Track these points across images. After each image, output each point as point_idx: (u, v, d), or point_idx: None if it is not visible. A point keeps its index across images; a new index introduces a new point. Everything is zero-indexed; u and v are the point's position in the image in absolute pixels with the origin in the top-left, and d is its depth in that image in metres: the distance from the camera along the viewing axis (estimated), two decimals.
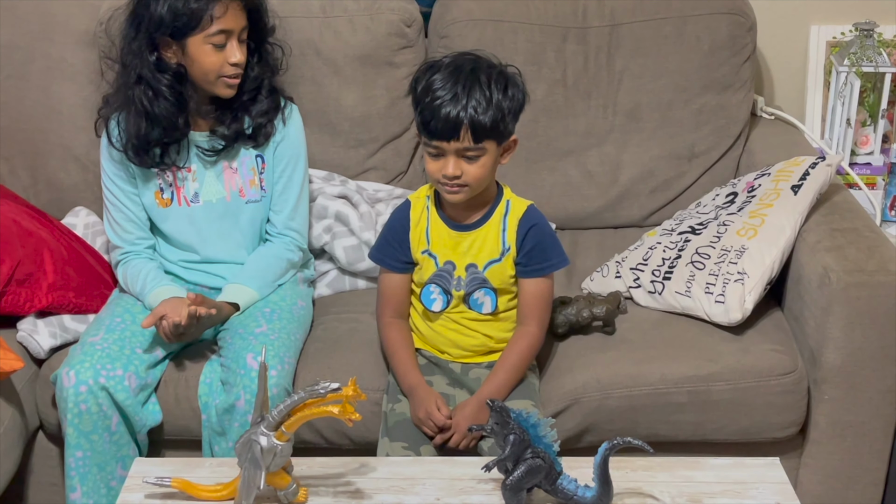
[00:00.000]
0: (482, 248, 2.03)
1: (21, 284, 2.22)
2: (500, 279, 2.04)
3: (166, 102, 2.16)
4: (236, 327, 2.17)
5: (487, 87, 1.90)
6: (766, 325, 2.22)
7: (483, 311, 2.05)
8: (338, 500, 1.70)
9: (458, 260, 2.04)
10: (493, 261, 2.03)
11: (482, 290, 2.04)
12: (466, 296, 2.05)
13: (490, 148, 1.93)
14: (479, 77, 1.91)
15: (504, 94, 1.91)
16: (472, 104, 1.88)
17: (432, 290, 2.06)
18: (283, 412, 1.61)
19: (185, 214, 2.29)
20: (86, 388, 2.03)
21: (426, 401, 1.97)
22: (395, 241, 2.08)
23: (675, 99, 2.59)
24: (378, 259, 2.12)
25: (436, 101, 1.89)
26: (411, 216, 2.07)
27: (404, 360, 2.06)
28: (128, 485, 1.75)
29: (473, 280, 2.04)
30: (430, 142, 1.92)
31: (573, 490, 1.66)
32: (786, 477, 1.75)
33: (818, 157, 2.34)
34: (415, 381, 2.02)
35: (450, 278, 2.05)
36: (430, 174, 1.96)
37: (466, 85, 1.89)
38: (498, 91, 1.90)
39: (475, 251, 2.03)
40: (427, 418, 1.96)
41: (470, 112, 1.88)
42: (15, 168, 2.57)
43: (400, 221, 2.09)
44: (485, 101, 1.89)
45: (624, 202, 2.64)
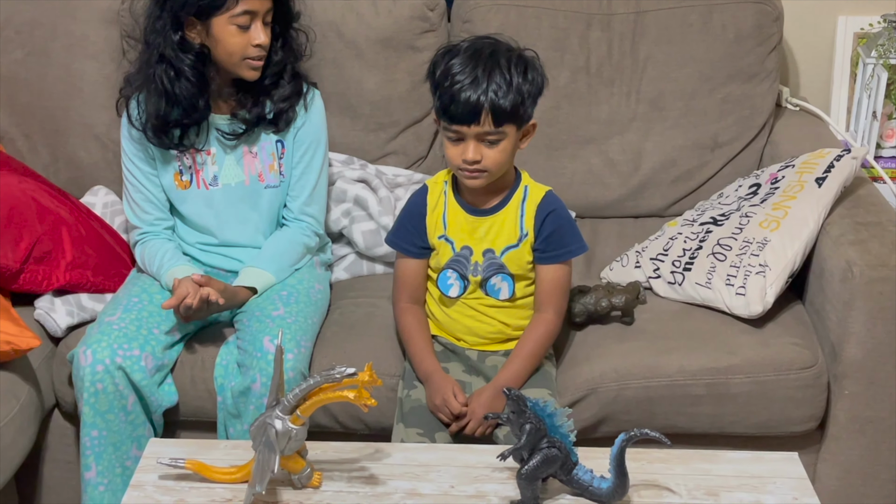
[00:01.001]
0: (499, 234, 2.02)
1: (39, 262, 2.22)
2: (518, 265, 2.03)
3: (188, 83, 2.15)
4: (253, 310, 2.16)
5: (507, 71, 1.88)
6: (786, 318, 2.20)
7: (500, 298, 2.04)
8: (352, 486, 1.69)
9: (476, 245, 2.03)
10: (511, 246, 2.02)
11: (499, 276, 2.03)
12: (483, 281, 2.03)
13: (510, 132, 1.91)
14: (498, 60, 1.89)
15: (524, 78, 1.90)
16: (492, 88, 1.86)
17: (449, 275, 2.05)
18: (299, 396, 1.60)
19: (204, 197, 2.28)
20: (102, 368, 2.03)
21: (443, 388, 1.97)
22: (411, 225, 2.07)
23: (700, 88, 2.57)
24: (394, 244, 2.11)
25: (455, 84, 1.87)
26: (428, 201, 2.06)
27: (420, 347, 2.05)
28: (142, 465, 1.75)
29: (490, 265, 2.02)
30: (449, 126, 1.91)
31: (588, 481, 1.65)
32: (804, 472, 1.73)
33: (843, 150, 2.31)
34: (431, 367, 2.01)
35: (467, 264, 2.03)
36: (450, 159, 1.95)
37: (486, 68, 1.88)
38: (518, 74, 1.89)
39: (492, 237, 2.02)
40: (443, 405, 1.95)
41: (490, 96, 1.86)
42: (35, 145, 2.57)
43: (417, 206, 2.07)
44: (505, 85, 1.87)
45: (645, 191, 2.62)
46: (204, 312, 2.12)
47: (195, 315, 2.11)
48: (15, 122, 2.56)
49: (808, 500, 1.66)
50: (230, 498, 1.66)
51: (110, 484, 2.08)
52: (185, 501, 1.66)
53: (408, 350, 2.08)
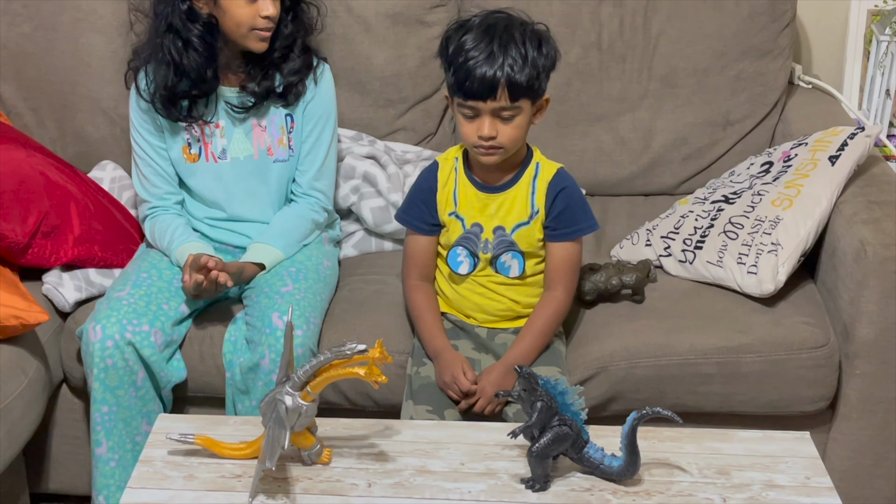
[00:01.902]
0: (510, 211, 2.01)
1: (47, 237, 2.22)
2: (528, 242, 2.02)
3: (195, 53, 2.14)
4: (262, 286, 2.15)
5: (522, 45, 1.86)
6: (798, 297, 2.19)
7: (510, 275, 2.03)
8: (361, 462, 1.69)
9: (486, 222, 2.01)
10: (522, 224, 2.00)
11: (509, 254, 2.02)
12: (493, 259, 2.02)
13: (525, 107, 1.90)
14: (513, 34, 1.87)
15: (539, 52, 1.88)
16: (508, 62, 1.85)
17: (459, 252, 2.04)
18: (309, 372, 1.59)
19: (213, 171, 2.27)
20: (112, 343, 2.03)
21: (452, 365, 1.96)
22: (421, 202, 2.06)
23: (712, 65, 2.55)
24: (404, 221, 2.10)
25: (470, 60, 1.85)
26: (439, 177, 2.05)
27: (430, 324, 2.04)
28: (151, 440, 1.75)
29: (501, 243, 2.01)
30: (465, 102, 1.89)
31: (599, 459, 1.64)
32: (816, 451, 1.73)
33: (857, 128, 2.29)
34: (440, 345, 2.01)
35: (477, 241, 2.02)
36: (465, 137, 1.93)
37: (501, 42, 1.86)
38: (533, 48, 1.87)
39: (503, 214, 2.01)
40: (452, 382, 1.95)
41: (507, 70, 1.85)
42: (42, 119, 2.56)
43: (427, 182, 2.06)
44: (521, 59, 1.85)
45: (656, 169, 2.61)
46: (212, 291, 2.11)
47: (204, 293, 2.10)
48: (22, 96, 2.55)
49: (819, 480, 1.66)
50: (240, 474, 1.66)
51: (121, 459, 2.08)
52: (194, 477, 1.66)
53: (417, 327, 2.08)
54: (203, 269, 2.05)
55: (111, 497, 2.09)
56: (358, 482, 1.65)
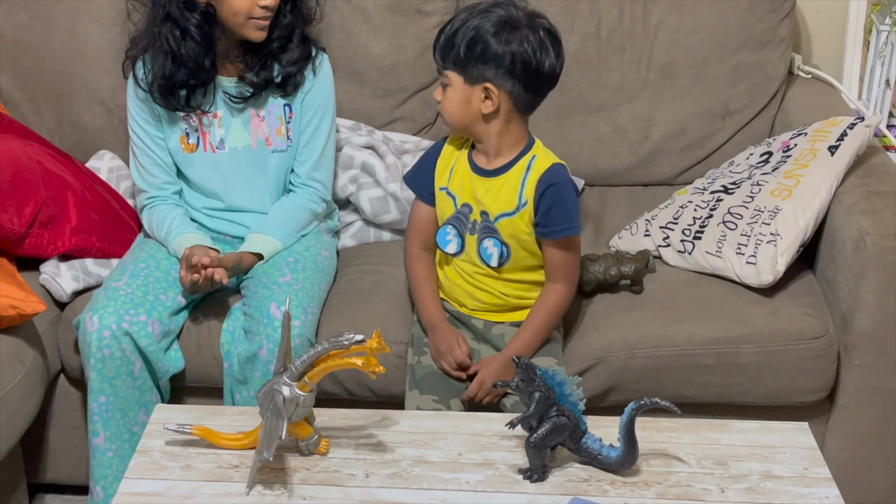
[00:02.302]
0: (496, 199, 1.98)
1: (44, 227, 2.21)
2: (511, 233, 1.98)
3: (193, 43, 2.13)
4: (260, 276, 2.15)
5: (483, 20, 1.87)
6: (797, 287, 2.19)
7: (490, 263, 2.01)
8: (359, 452, 1.69)
9: (474, 204, 2.01)
10: (506, 214, 1.97)
11: (492, 241, 2.00)
12: (478, 242, 2.01)
13: (454, 81, 1.91)
14: (489, 12, 1.88)
15: (493, 36, 1.86)
16: (456, 26, 1.88)
17: (448, 231, 2.03)
18: (307, 363, 1.59)
19: (211, 161, 2.26)
20: (109, 334, 2.03)
21: (448, 336, 1.97)
22: (424, 168, 2.07)
23: (711, 55, 2.54)
24: (411, 184, 2.11)
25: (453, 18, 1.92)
26: (444, 148, 2.06)
27: (428, 296, 2.05)
28: (149, 431, 1.75)
29: (485, 228, 2.00)
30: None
31: (598, 449, 1.64)
32: (814, 442, 1.72)
33: (857, 118, 2.28)
34: (437, 317, 2.02)
35: (466, 221, 2.01)
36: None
37: (473, 14, 1.88)
38: (490, 31, 1.86)
39: (489, 200, 1.98)
40: (448, 352, 1.95)
41: (443, 36, 1.90)
42: (40, 109, 2.55)
43: (432, 151, 2.08)
44: (467, 31, 1.87)
45: (655, 160, 2.60)
46: (208, 288, 2.11)
47: (200, 290, 2.10)
48: (19, 85, 2.54)
49: (817, 470, 1.66)
50: (237, 464, 1.66)
51: (118, 450, 2.08)
52: (192, 467, 1.66)
53: (415, 298, 2.09)
54: (198, 266, 2.04)
55: (109, 487, 2.09)
56: (356, 472, 1.64)
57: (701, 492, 1.61)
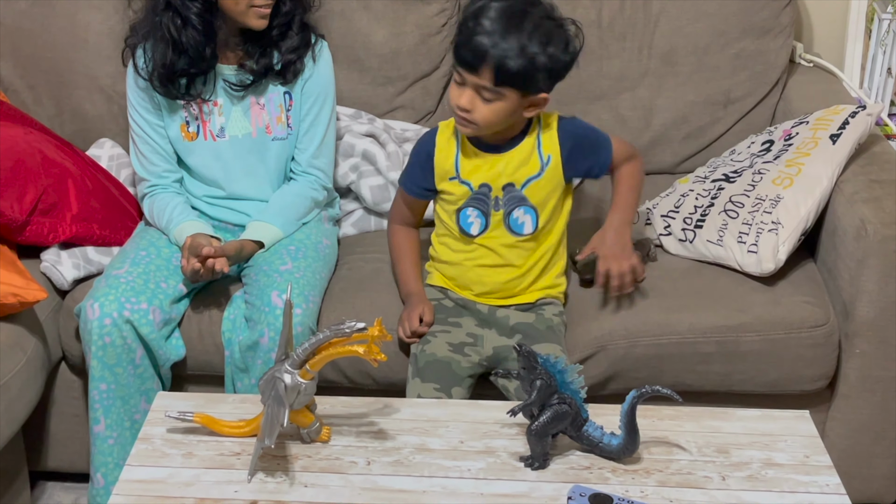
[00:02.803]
0: (519, 167, 2.00)
1: (45, 215, 2.21)
2: (541, 195, 2.01)
3: (194, 31, 2.12)
4: (261, 264, 2.15)
5: (527, 37, 1.84)
6: (798, 276, 2.19)
7: (524, 232, 2.02)
8: (361, 440, 1.69)
9: (494, 181, 2.01)
10: (533, 177, 2.00)
11: (522, 209, 2.01)
12: (506, 216, 2.01)
13: (510, 96, 1.89)
14: (523, 23, 1.85)
15: (542, 50, 1.86)
16: (504, 46, 1.83)
17: (469, 213, 2.03)
18: (309, 350, 1.59)
19: (211, 149, 2.26)
20: (110, 321, 2.03)
21: (415, 307, 2.03)
22: (418, 166, 2.07)
23: (713, 43, 2.54)
24: (402, 182, 2.13)
25: (475, 28, 1.85)
26: (438, 141, 2.05)
27: (407, 267, 2.12)
28: (150, 418, 1.75)
29: (512, 199, 2.01)
30: (456, 66, 1.90)
31: (599, 437, 1.64)
32: (815, 430, 1.72)
33: (858, 106, 2.28)
34: (413, 289, 2.09)
35: (487, 200, 2.02)
36: (450, 98, 1.95)
37: (508, 26, 1.84)
38: (536, 45, 1.85)
39: (511, 170, 2.00)
40: (405, 320, 2.02)
41: (498, 53, 1.84)
42: (40, 97, 2.55)
43: (425, 147, 2.07)
44: (518, 49, 1.84)
45: (656, 148, 2.60)
46: (209, 277, 2.10)
47: (201, 278, 2.10)
48: (19, 73, 2.53)
49: (818, 458, 1.66)
50: (239, 451, 1.66)
51: (119, 437, 2.08)
52: (193, 454, 1.66)
53: (395, 269, 2.15)
54: (200, 256, 2.04)
55: (109, 475, 2.09)
56: (357, 460, 1.65)
57: (702, 479, 1.61)
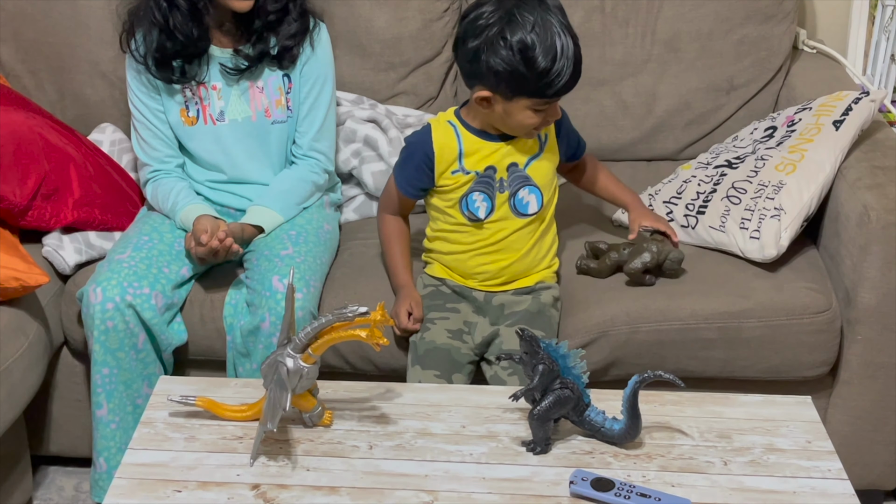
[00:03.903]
0: (520, 148, 2.03)
1: (47, 199, 2.21)
2: (543, 175, 2.05)
3: (179, 13, 2.13)
4: (262, 249, 2.15)
5: (561, 17, 1.92)
6: (800, 262, 2.18)
7: (529, 212, 2.05)
8: (363, 424, 1.69)
9: (498, 163, 2.03)
10: (534, 156, 2.04)
11: (526, 189, 2.03)
12: (511, 197, 2.03)
13: None
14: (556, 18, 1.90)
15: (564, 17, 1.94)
16: (574, 51, 1.91)
17: (475, 197, 2.03)
18: (311, 335, 1.59)
19: (211, 133, 2.26)
20: (112, 306, 2.03)
21: (403, 303, 2.05)
22: (414, 167, 2.06)
23: (716, 29, 2.53)
24: (399, 184, 2.10)
25: (553, 67, 1.88)
26: (435, 139, 2.04)
27: (396, 259, 2.13)
28: (152, 402, 1.75)
29: (516, 178, 2.03)
30: (544, 102, 1.93)
31: (601, 422, 1.64)
32: (817, 415, 1.72)
33: (862, 93, 2.27)
34: (403, 281, 2.10)
35: (492, 182, 2.03)
36: (525, 125, 1.97)
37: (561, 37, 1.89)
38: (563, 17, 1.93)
39: (514, 151, 2.03)
40: (395, 316, 2.05)
41: (574, 58, 1.91)
42: (41, 82, 2.55)
43: (421, 147, 2.05)
44: (573, 38, 1.92)
45: (659, 134, 2.59)
46: (222, 259, 2.10)
47: (212, 258, 2.09)
48: (21, 58, 2.53)
49: (820, 444, 1.66)
50: (241, 435, 1.66)
51: (122, 422, 2.09)
52: (195, 438, 1.66)
53: (385, 258, 2.16)
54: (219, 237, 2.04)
55: (112, 459, 2.10)
56: (359, 444, 1.65)
57: (704, 464, 1.61)
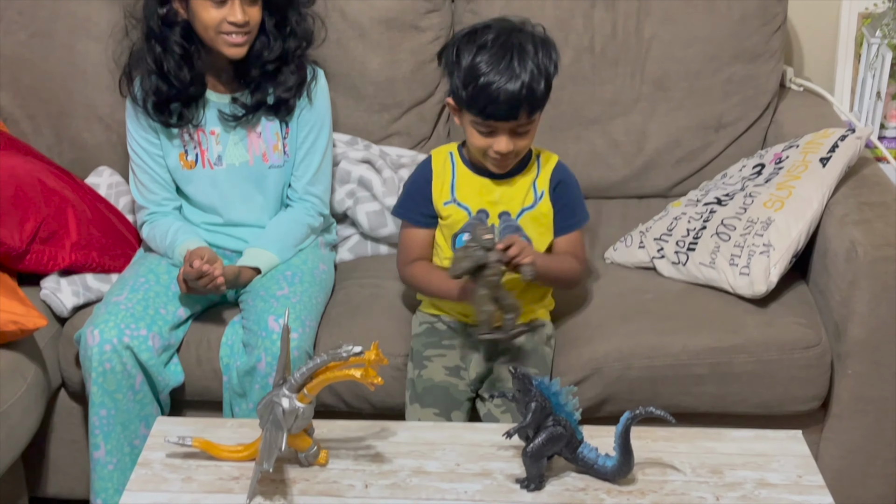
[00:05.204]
0: (514, 197, 2.04)
1: (45, 243, 2.23)
2: (534, 227, 2.06)
3: (173, 58, 2.16)
4: (258, 290, 2.17)
5: (535, 58, 1.90)
6: (790, 298, 2.21)
7: None
8: (358, 463, 1.70)
9: (491, 208, 2.05)
10: (527, 208, 2.05)
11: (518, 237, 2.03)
12: None
13: (538, 117, 1.97)
14: (526, 49, 1.90)
15: (549, 61, 1.93)
16: (526, 81, 1.88)
17: (465, 238, 2.03)
18: (306, 374, 1.61)
19: (209, 177, 2.28)
20: (110, 347, 2.04)
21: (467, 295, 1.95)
22: (417, 194, 2.09)
23: (704, 68, 2.56)
24: (401, 214, 2.13)
25: (491, 84, 1.88)
26: (434, 167, 2.08)
27: (439, 278, 2.02)
28: (149, 443, 1.76)
29: (507, 227, 2.04)
30: (482, 121, 1.93)
31: (594, 459, 1.66)
32: (808, 450, 1.74)
33: (848, 130, 2.31)
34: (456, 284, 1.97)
35: None
36: (477, 147, 1.97)
37: (520, 61, 1.89)
38: (545, 58, 1.92)
39: (507, 199, 2.04)
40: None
41: (525, 92, 1.89)
42: (39, 127, 2.58)
43: (423, 175, 2.10)
44: (537, 74, 1.90)
45: (649, 172, 2.62)
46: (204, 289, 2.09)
47: (198, 288, 2.09)
48: (19, 103, 2.56)
49: (811, 478, 1.67)
50: (237, 476, 1.68)
51: (119, 463, 2.10)
52: (192, 479, 1.67)
53: (431, 287, 2.07)
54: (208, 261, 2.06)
55: (110, 500, 2.10)
56: (355, 483, 1.66)
57: (696, 500, 1.62)
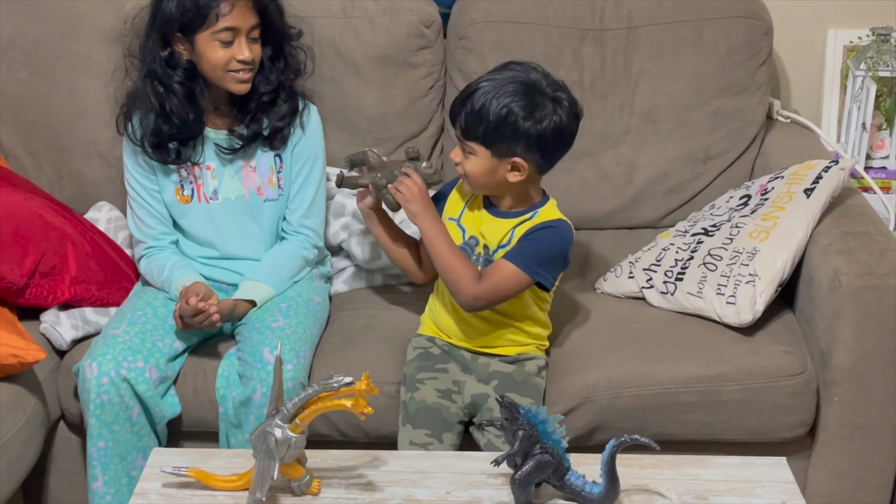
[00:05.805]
0: (495, 234, 2.08)
1: (44, 277, 2.26)
2: None
3: (176, 98, 2.19)
4: (253, 322, 2.20)
5: (504, 99, 1.93)
6: (776, 326, 2.24)
7: None
8: (350, 492, 1.73)
9: (481, 238, 2.10)
10: (502, 246, 2.07)
11: None
12: None
13: (480, 153, 1.98)
14: (505, 87, 1.94)
15: (525, 119, 1.93)
16: (478, 103, 1.93)
17: None
18: (298, 405, 1.64)
19: (205, 211, 2.32)
20: (108, 380, 2.07)
21: None
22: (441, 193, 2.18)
23: (692, 101, 2.60)
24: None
25: (474, 83, 1.97)
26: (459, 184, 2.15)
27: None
28: (146, 474, 1.79)
29: (487, 261, 2.08)
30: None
31: (581, 486, 1.68)
32: (792, 476, 1.77)
33: (831, 161, 2.35)
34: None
35: (471, 252, 2.10)
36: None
37: (493, 86, 1.94)
38: (518, 108, 1.93)
39: (490, 234, 2.08)
40: None
41: (467, 108, 1.95)
42: (40, 163, 2.61)
43: (451, 183, 2.18)
44: (491, 109, 1.93)
45: (639, 203, 2.65)
46: (200, 326, 2.14)
47: (193, 324, 2.14)
48: (20, 140, 2.59)
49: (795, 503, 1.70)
50: None
51: (117, 494, 2.12)
52: None
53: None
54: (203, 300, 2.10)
55: None
56: None
57: None
